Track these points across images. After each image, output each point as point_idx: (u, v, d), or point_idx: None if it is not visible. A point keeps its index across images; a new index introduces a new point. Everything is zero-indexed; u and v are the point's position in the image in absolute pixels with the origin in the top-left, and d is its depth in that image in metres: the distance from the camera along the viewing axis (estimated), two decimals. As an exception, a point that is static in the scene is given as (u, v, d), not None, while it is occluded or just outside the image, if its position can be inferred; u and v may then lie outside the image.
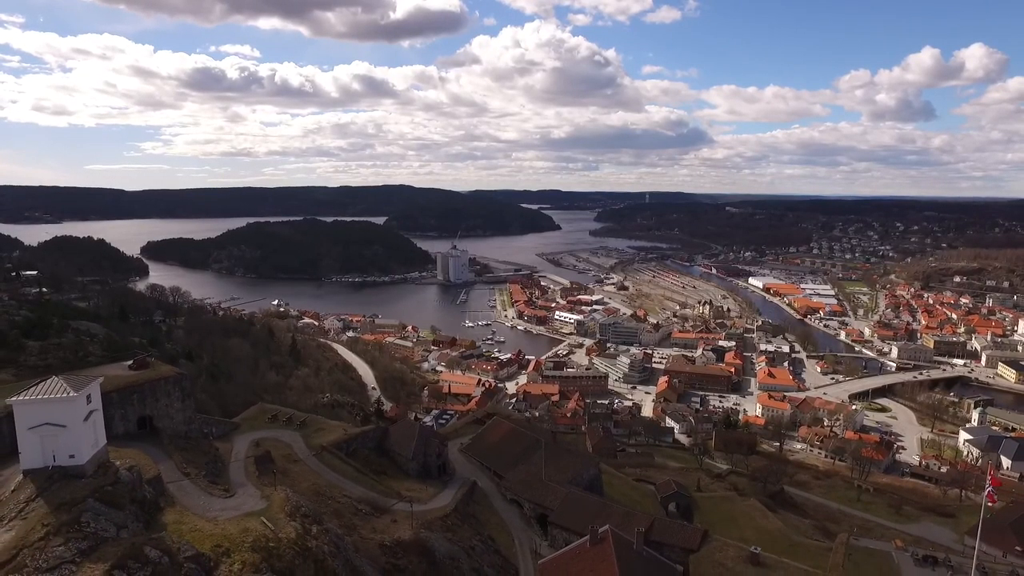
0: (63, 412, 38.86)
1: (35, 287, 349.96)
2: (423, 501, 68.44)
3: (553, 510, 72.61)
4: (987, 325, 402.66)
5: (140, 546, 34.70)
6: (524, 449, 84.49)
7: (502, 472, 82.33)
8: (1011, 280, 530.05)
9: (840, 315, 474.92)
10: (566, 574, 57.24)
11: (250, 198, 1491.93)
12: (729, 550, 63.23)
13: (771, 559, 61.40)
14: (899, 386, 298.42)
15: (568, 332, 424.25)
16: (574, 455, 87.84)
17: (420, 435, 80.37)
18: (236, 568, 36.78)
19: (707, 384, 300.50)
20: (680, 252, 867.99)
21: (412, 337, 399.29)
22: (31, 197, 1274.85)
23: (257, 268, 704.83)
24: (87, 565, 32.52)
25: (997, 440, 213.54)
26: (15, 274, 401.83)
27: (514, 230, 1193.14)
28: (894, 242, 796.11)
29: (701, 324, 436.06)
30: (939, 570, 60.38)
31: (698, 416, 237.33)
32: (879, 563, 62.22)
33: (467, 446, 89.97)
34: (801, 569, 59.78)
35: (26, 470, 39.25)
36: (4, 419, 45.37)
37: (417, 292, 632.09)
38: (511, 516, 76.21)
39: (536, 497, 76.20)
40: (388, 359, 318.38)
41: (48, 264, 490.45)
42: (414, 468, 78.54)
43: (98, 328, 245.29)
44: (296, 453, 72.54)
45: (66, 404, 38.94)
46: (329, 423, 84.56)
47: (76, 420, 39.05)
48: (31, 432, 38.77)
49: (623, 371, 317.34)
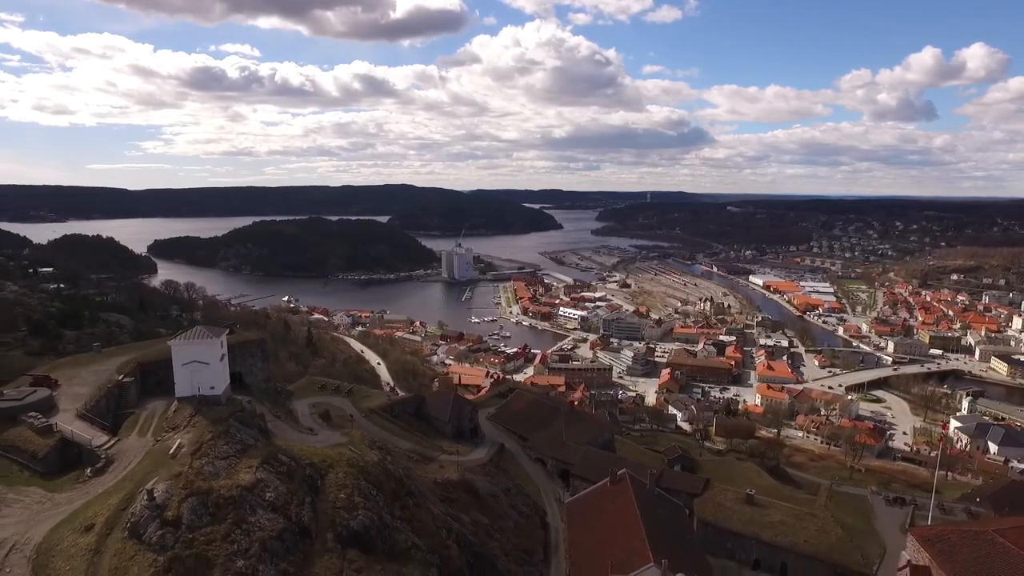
0: (206, 352, 49.43)
1: (53, 283, 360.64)
2: (462, 455, 78.70)
3: (574, 464, 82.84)
4: (982, 321, 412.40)
5: (275, 452, 44.98)
6: (546, 416, 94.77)
7: (526, 436, 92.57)
8: (1007, 278, 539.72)
9: (839, 312, 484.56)
10: (591, 508, 67.42)
11: (252, 197, 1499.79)
12: (728, 493, 73.45)
13: (764, 500, 71.59)
14: (894, 379, 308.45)
15: (572, 328, 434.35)
16: (590, 421, 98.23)
17: (454, 402, 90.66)
18: (341, 476, 46.90)
19: (708, 376, 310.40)
20: (681, 251, 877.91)
21: (420, 332, 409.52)
22: (35, 196, 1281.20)
23: (264, 266, 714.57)
24: (245, 459, 42.75)
25: (985, 427, 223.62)
26: (32, 271, 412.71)
27: (516, 229, 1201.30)
28: (893, 241, 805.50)
29: (702, 320, 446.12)
30: (906, 509, 70.48)
31: (700, 405, 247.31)
32: (856, 504, 72.44)
33: (493, 414, 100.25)
34: (789, 507, 69.92)
35: (179, 397, 49.90)
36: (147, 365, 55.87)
37: (422, 289, 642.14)
38: (536, 471, 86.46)
39: (558, 455, 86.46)
40: (399, 352, 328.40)
41: (60, 262, 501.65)
42: (450, 430, 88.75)
43: (126, 320, 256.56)
44: (347, 414, 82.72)
45: (209, 346, 49.44)
46: (372, 392, 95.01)
47: (215, 359, 49.53)
48: (183, 367, 49.49)
49: (627, 364, 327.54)
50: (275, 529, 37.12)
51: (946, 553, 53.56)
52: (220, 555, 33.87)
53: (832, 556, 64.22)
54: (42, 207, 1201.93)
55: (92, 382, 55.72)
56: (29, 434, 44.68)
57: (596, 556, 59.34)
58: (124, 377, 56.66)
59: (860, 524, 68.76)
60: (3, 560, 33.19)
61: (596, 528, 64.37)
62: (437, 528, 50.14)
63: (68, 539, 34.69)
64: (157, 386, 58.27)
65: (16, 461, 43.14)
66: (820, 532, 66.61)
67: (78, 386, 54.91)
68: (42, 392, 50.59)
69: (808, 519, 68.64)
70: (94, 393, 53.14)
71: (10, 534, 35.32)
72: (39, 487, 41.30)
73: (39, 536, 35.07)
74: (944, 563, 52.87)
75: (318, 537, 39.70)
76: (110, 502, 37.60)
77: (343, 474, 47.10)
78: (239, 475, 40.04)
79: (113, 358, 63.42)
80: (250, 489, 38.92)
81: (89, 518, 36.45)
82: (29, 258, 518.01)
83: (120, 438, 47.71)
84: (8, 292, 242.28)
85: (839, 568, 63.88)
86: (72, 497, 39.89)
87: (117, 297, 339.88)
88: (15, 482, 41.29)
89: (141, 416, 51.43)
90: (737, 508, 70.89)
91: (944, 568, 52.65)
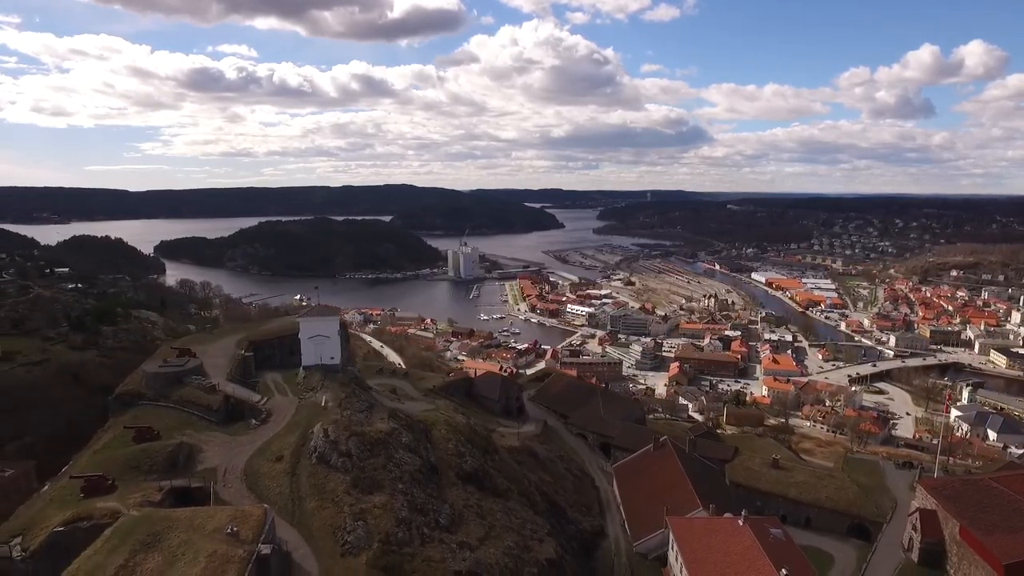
0: (327, 327, 59.03)
1: (71, 283, 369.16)
2: (515, 428, 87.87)
3: (614, 437, 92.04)
4: (981, 316, 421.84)
5: (395, 410, 54.22)
6: (583, 395, 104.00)
7: (566, 413, 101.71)
8: (1006, 274, 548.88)
9: (840, 308, 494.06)
10: (638, 469, 76.81)
11: (253, 198, 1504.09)
12: (755, 459, 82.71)
13: (788, 464, 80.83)
14: (896, 371, 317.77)
15: (580, 324, 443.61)
16: (624, 400, 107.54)
17: (503, 383, 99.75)
18: (443, 431, 56.19)
19: (715, 370, 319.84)
20: (683, 249, 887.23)
21: (432, 329, 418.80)
22: (37, 198, 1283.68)
23: (271, 266, 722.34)
24: (375, 413, 52.02)
25: (984, 416, 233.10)
26: (50, 271, 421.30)
27: (518, 228, 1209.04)
28: (893, 238, 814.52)
29: (707, 316, 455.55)
30: (913, 471, 79.72)
31: (709, 396, 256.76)
32: (869, 467, 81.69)
33: (534, 396, 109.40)
34: (810, 470, 79.16)
35: (305, 366, 59.27)
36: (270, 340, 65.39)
37: (429, 288, 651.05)
38: (579, 445, 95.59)
39: (598, 429, 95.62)
40: (415, 348, 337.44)
41: (71, 262, 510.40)
42: (498, 408, 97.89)
43: (156, 317, 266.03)
44: (410, 393, 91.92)
45: (329, 322, 59.03)
46: (426, 374, 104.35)
47: (334, 333, 58.89)
48: (309, 340, 58.85)
49: (636, 358, 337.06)
50: (415, 464, 46.34)
51: (950, 498, 62.99)
52: (385, 479, 43.02)
53: (850, 509, 73.44)
54: (44, 208, 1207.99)
55: (221, 355, 65.09)
56: (199, 393, 53.96)
57: (648, 507, 68.65)
58: (245, 351, 66.09)
59: (873, 483, 77.84)
60: (222, 477, 42.63)
61: (644, 485, 73.65)
62: (520, 478, 59.22)
63: (265, 466, 43.94)
64: (265, 360, 67.62)
65: (194, 414, 52.41)
66: (838, 490, 75.76)
67: (210, 357, 64.24)
68: (195, 361, 59.77)
69: (827, 479, 77.88)
70: (227, 363, 62.54)
71: (218, 463, 44.71)
72: (221, 432, 50.49)
73: (241, 464, 44.44)
74: (948, 506, 62.26)
75: (443, 474, 48.81)
76: (289, 439, 46.77)
77: (444, 430, 56.35)
78: (376, 424, 49.27)
79: (225, 337, 72.80)
80: (389, 434, 48.14)
81: (276, 451, 45.66)
82: (43, 259, 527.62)
83: (267, 397, 56.96)
84: (44, 291, 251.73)
85: (856, 519, 73.12)
86: (253, 438, 49.22)
87: (139, 296, 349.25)
88: (201, 429, 50.53)
89: (268, 382, 60.91)
90: (764, 471, 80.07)
91: (948, 509, 62.04)
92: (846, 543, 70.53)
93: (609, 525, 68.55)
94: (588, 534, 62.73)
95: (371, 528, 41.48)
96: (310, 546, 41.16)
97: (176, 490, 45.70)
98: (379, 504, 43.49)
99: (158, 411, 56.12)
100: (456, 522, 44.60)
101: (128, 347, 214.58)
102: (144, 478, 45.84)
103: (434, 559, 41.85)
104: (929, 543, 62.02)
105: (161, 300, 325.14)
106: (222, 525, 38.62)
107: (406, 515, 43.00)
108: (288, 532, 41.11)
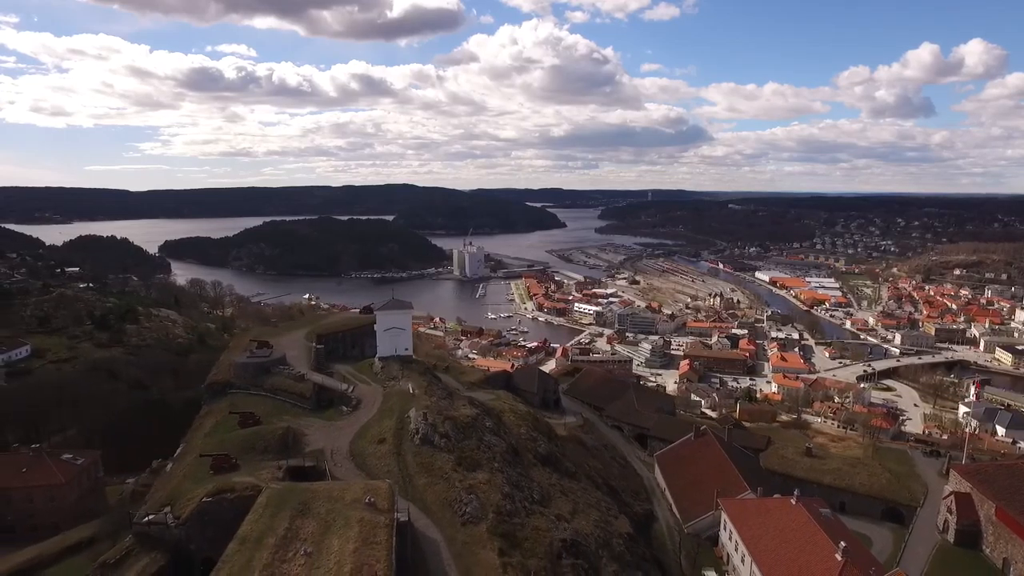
0: (402, 320, 63.06)
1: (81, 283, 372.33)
2: (557, 419, 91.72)
3: (649, 428, 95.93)
4: (985, 314, 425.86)
5: (470, 397, 58.11)
6: (616, 389, 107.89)
7: (601, 406, 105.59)
8: (1009, 272, 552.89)
9: (845, 306, 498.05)
10: (680, 457, 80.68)
11: (254, 198, 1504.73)
12: (789, 448, 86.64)
13: (821, 452, 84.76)
14: (903, 368, 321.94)
15: (587, 322, 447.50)
16: (656, 393, 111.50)
17: (540, 376, 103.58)
18: (512, 418, 60.08)
19: (724, 367, 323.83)
20: (686, 248, 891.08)
21: (441, 328, 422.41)
22: (38, 198, 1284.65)
23: (276, 265, 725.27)
24: (456, 400, 55.89)
25: (993, 411, 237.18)
26: (60, 271, 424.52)
27: (520, 228, 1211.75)
28: (895, 237, 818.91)
29: (713, 315, 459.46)
30: (941, 459, 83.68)
31: (721, 392, 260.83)
32: (898, 455, 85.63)
33: (567, 389, 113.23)
34: (843, 456, 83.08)
35: (381, 357, 63.24)
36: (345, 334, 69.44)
37: (435, 287, 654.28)
38: (615, 436, 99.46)
39: (633, 421, 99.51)
40: (427, 346, 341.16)
41: (78, 262, 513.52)
42: (537, 400, 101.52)
43: (175, 315, 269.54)
44: (455, 385, 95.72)
45: (403, 315, 62.91)
46: (466, 368, 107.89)
47: (407, 326, 62.78)
48: (385, 333, 62.86)
49: (645, 356, 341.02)
50: (502, 447, 50.27)
51: (985, 481, 66.97)
52: (482, 458, 46.89)
53: (884, 494, 77.33)
54: (47, 209, 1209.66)
55: (293, 347, 69.07)
56: (290, 381, 57.90)
57: (694, 491, 72.59)
58: (316, 344, 70.10)
59: (904, 470, 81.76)
60: (330, 456, 46.54)
61: (688, 471, 77.56)
62: (582, 462, 63.17)
63: (369, 448, 47.85)
64: (329, 353, 71.58)
65: (286, 401, 56.30)
66: (871, 476, 79.66)
67: (285, 350, 68.15)
68: (278, 352, 63.65)
69: (860, 466, 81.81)
70: (303, 355, 66.55)
71: (323, 445, 48.55)
72: (315, 418, 54.38)
73: (344, 446, 48.37)
74: (984, 488, 66.22)
75: (523, 456, 52.68)
76: (387, 423, 50.70)
77: (513, 417, 60.32)
78: (461, 409, 53.19)
79: (292, 331, 76.78)
80: (475, 419, 52.06)
81: (377, 434, 49.58)
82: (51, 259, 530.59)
83: (352, 386, 60.93)
84: (67, 290, 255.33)
85: (890, 503, 77.02)
86: (350, 423, 53.17)
87: (150, 295, 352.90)
88: (298, 415, 54.41)
89: (342, 372, 64.96)
90: (798, 459, 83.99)
91: (983, 492, 65.98)
92: (881, 526, 74.39)
93: (657, 508, 72.39)
94: (641, 516, 66.57)
95: (483, 501, 45.39)
96: (429, 517, 45.35)
97: (292, 468, 50.27)
98: (483, 480, 47.88)
99: (251, 399, 60.46)
100: (546, 498, 48.54)
101: (152, 344, 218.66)
102: (260, 458, 50.10)
103: (541, 528, 46.44)
104: (965, 524, 65.90)
105: (175, 299, 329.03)
106: (359, 497, 43.07)
107: (508, 491, 47.02)
108: (403, 505, 45.02)
